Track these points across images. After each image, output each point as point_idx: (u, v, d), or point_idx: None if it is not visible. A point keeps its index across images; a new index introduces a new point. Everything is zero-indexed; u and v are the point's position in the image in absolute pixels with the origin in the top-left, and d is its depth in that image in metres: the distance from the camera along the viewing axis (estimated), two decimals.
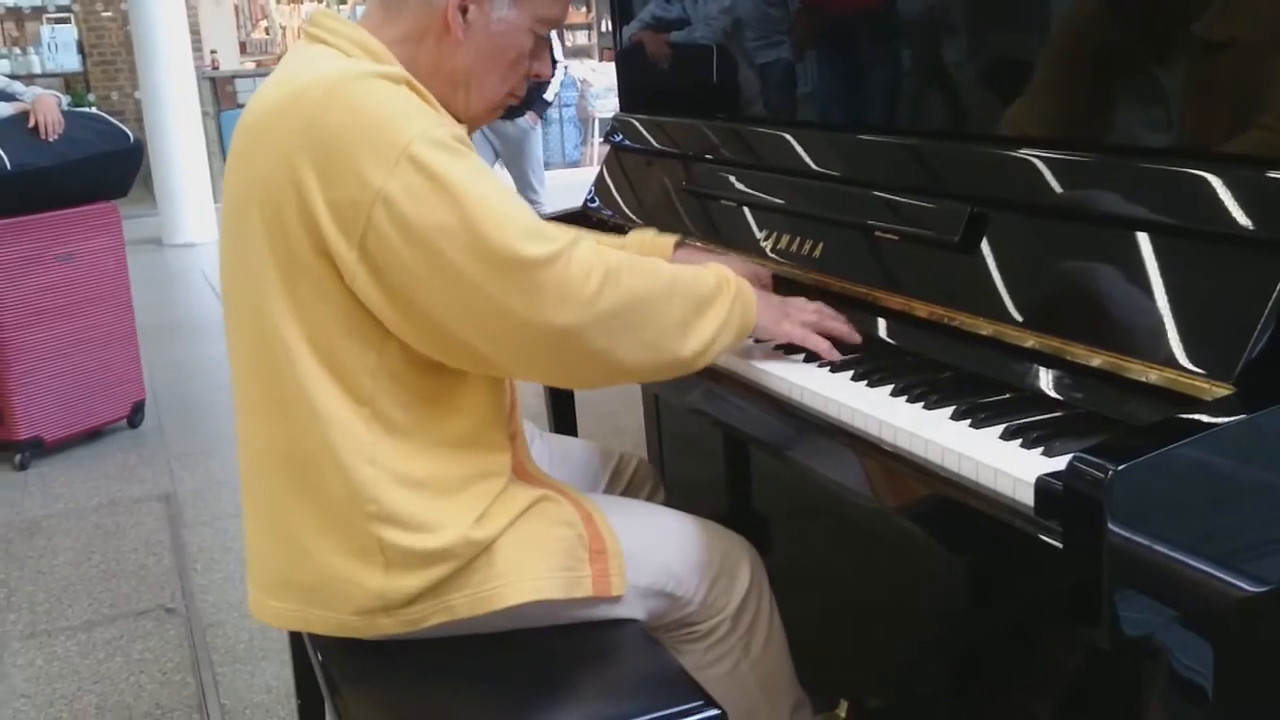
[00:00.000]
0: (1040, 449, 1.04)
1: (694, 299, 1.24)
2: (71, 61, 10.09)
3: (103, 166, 3.65)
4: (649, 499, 1.74)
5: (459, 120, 1.28)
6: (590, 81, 10.98)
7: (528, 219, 1.14)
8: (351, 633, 1.24)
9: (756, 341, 1.41)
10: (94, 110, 3.92)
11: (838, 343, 1.36)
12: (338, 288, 1.15)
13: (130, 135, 3.81)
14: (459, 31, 1.23)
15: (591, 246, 1.18)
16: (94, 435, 3.86)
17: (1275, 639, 1.12)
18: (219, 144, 9.58)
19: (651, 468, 1.78)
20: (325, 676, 1.31)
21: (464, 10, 1.23)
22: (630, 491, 1.71)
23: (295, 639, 1.58)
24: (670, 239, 1.60)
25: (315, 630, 1.27)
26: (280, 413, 1.21)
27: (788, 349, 1.40)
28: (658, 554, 1.35)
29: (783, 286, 1.55)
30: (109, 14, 10.06)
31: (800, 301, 1.39)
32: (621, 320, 1.17)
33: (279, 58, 11.26)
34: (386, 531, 1.19)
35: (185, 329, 5.40)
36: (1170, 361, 1.04)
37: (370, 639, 1.25)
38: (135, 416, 3.95)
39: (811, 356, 1.36)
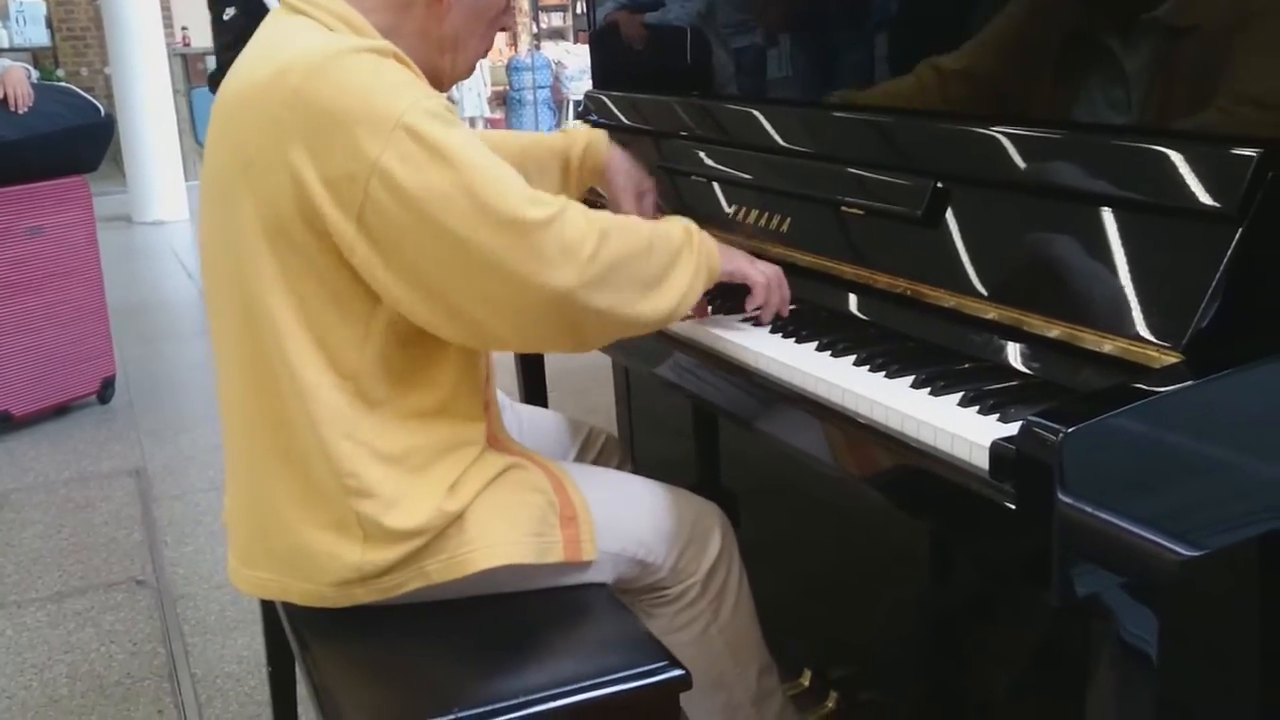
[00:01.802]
0: (996, 415, 1.07)
1: (669, 252, 1.28)
2: (40, 36, 9.95)
3: (72, 140, 3.62)
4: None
5: (441, 85, 1.30)
6: (565, 64, 10.96)
7: (520, 184, 1.16)
8: (328, 603, 1.26)
9: (721, 302, 1.47)
10: (64, 84, 3.88)
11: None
12: (331, 263, 1.16)
13: (100, 109, 3.78)
14: None
15: (582, 209, 1.20)
16: (63, 410, 3.85)
17: (1219, 605, 1.16)
18: (190, 122, 9.50)
19: (620, 442, 1.81)
20: (297, 643, 1.33)
21: None
22: (599, 464, 1.73)
23: (267, 608, 1.59)
24: (600, 137, 1.71)
25: (292, 600, 1.28)
26: (263, 385, 1.22)
27: (752, 318, 1.43)
28: (628, 520, 1.38)
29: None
30: None
31: (756, 262, 1.43)
32: (614, 277, 1.20)
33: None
34: (364, 505, 1.21)
35: (156, 306, 5.37)
36: (1123, 331, 1.07)
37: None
38: (105, 392, 3.94)
39: (777, 328, 1.39)
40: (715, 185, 1.73)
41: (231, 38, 4.52)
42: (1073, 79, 1.25)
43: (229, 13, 4.51)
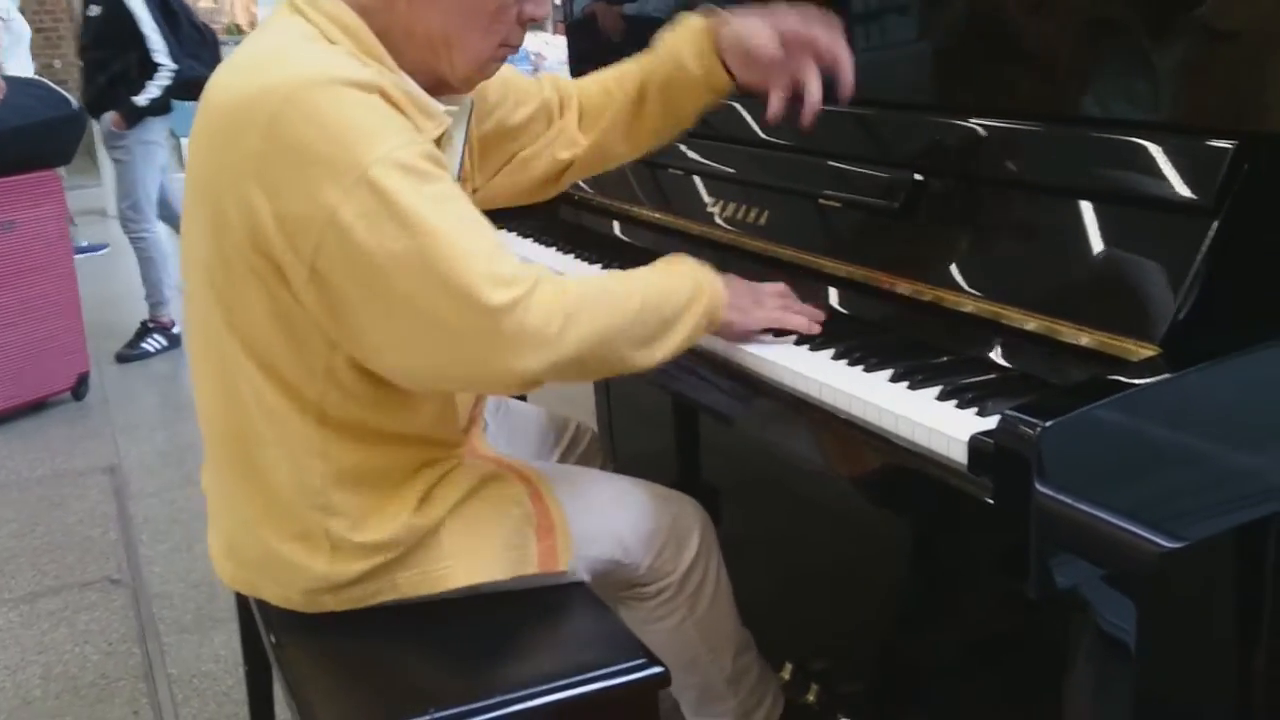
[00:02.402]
0: (974, 409, 1.07)
1: (659, 321, 1.20)
2: None
3: (44, 133, 3.59)
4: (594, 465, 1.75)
5: (449, 85, 1.22)
6: (544, 55, 10.91)
7: (488, 258, 1.07)
8: (297, 607, 1.25)
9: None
10: (35, 78, 3.84)
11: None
12: (282, 297, 1.11)
13: (73, 102, 3.75)
14: None
15: (553, 288, 1.10)
16: (37, 407, 3.81)
17: (1196, 595, 1.16)
18: None
19: (601, 442, 1.80)
20: (272, 642, 1.32)
21: None
22: (581, 463, 1.72)
23: (243, 607, 1.58)
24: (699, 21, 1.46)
25: (265, 598, 1.28)
26: (231, 400, 1.19)
27: None
28: (606, 523, 1.37)
29: (730, 254, 1.57)
30: None
31: (767, 287, 1.35)
32: (582, 360, 1.13)
33: (227, 28, 11.07)
34: (332, 522, 1.20)
35: (131, 301, 5.31)
36: (1101, 324, 1.07)
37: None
38: (79, 388, 3.90)
39: None
40: (693, 179, 1.72)
41: (91, 39, 4.22)
42: (1050, 72, 1.24)
43: (94, 9, 4.19)
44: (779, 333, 1.35)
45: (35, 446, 3.54)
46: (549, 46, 11.25)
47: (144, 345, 4.39)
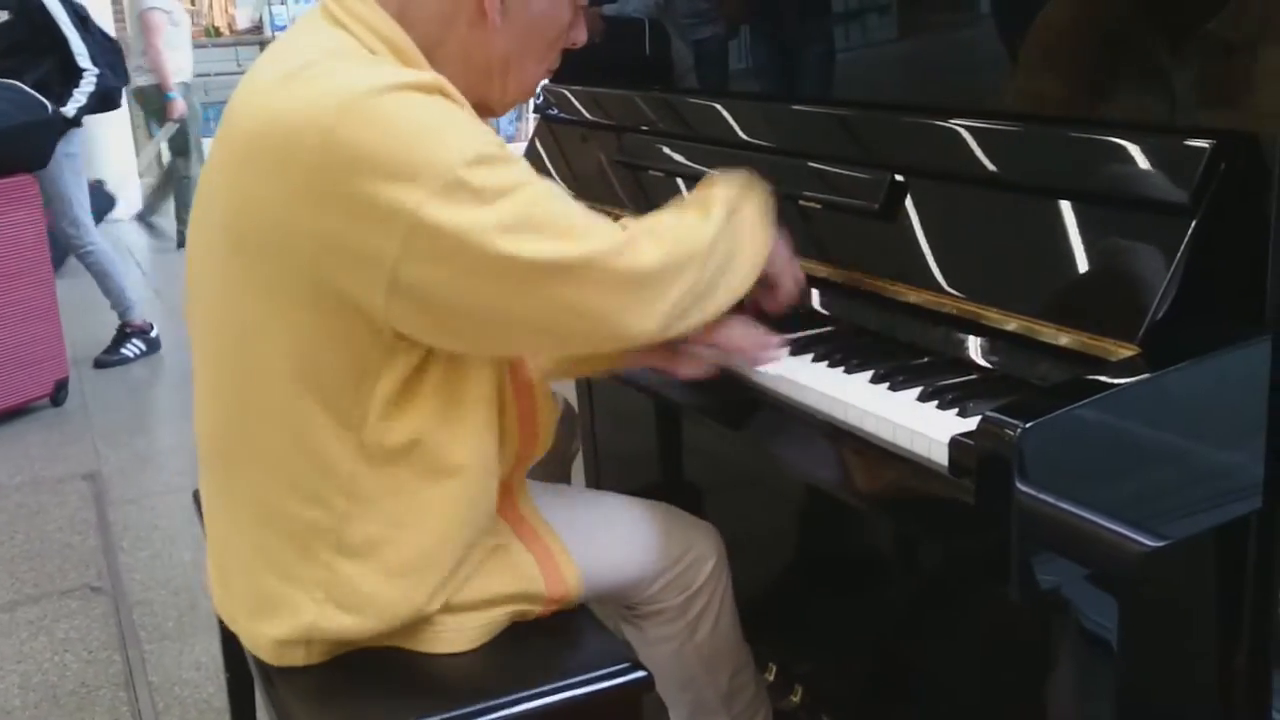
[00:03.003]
0: (955, 410, 1.07)
1: (732, 242, 1.19)
2: None
3: (19, 138, 3.56)
4: (570, 441, 1.73)
5: (492, 110, 1.20)
6: None
7: (576, 220, 1.06)
8: (262, 655, 1.21)
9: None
10: (9, 80, 3.80)
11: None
12: (340, 316, 1.05)
13: (48, 105, 3.72)
14: (496, 16, 1.11)
15: (651, 240, 1.10)
16: (16, 413, 3.78)
17: (1177, 594, 1.17)
18: (143, 118, 9.34)
19: (570, 408, 1.76)
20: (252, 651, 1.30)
21: None
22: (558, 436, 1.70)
23: None
24: None
25: (239, 633, 1.25)
26: (251, 443, 1.13)
27: None
28: (617, 560, 1.34)
29: None
30: None
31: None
32: (685, 307, 1.12)
33: (205, 30, 11.02)
34: (340, 562, 1.14)
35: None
36: (1080, 324, 1.07)
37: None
38: (59, 394, 3.87)
39: None
40: (675, 180, 1.72)
41: (5, 45, 3.92)
42: (1028, 72, 1.24)
43: (2, 15, 3.92)
44: None
45: (14, 453, 3.51)
46: None
47: (123, 351, 4.36)
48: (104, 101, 4.02)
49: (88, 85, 3.98)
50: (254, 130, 1.05)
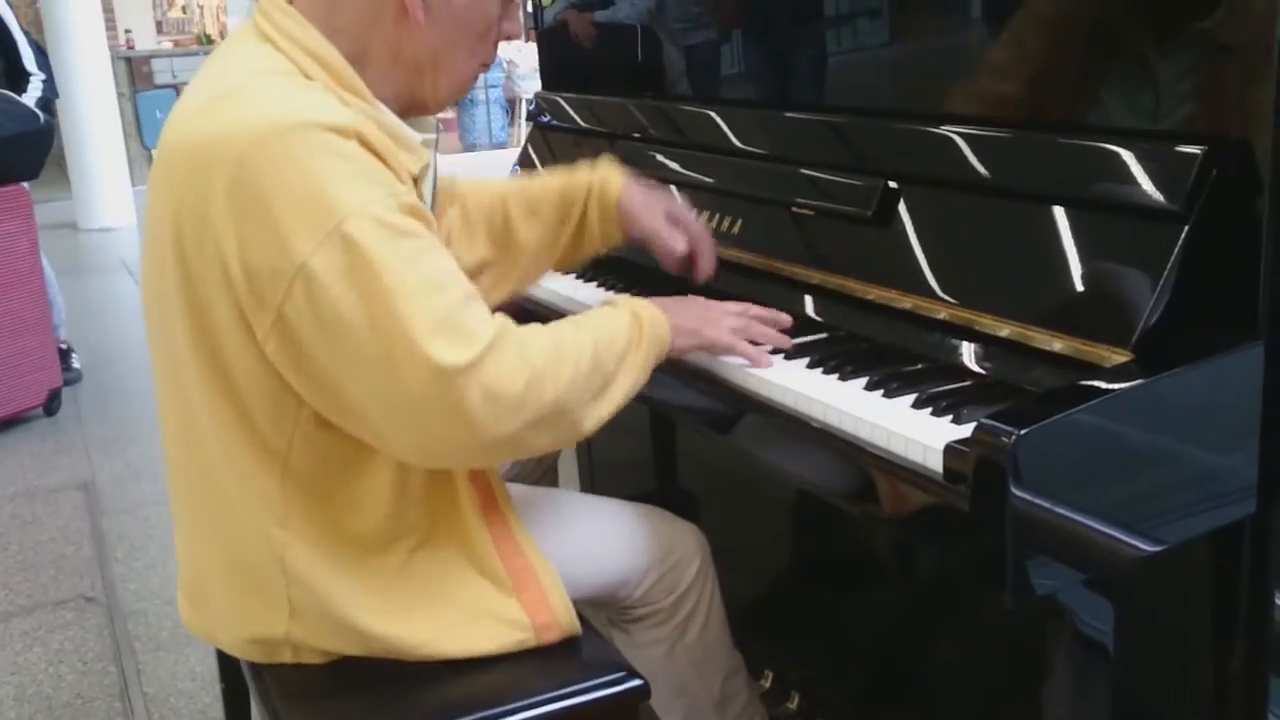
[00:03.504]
0: (950, 417, 1.07)
1: (614, 360, 1.16)
2: None
3: (11, 148, 3.54)
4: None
5: (427, 106, 1.20)
6: (516, 62, 10.91)
7: (455, 316, 1.03)
8: (254, 657, 1.22)
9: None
10: (3, 92, 3.78)
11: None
12: (252, 342, 1.06)
13: (40, 116, 3.71)
14: (418, 12, 1.10)
15: (515, 350, 1.07)
16: (9, 424, 3.76)
17: (1173, 598, 1.17)
18: (135, 126, 9.35)
19: (577, 453, 1.78)
20: (249, 663, 1.30)
21: None
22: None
23: None
24: (616, 179, 1.49)
25: (220, 645, 1.25)
26: (197, 453, 1.15)
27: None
28: (603, 562, 1.35)
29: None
30: None
31: (723, 305, 1.31)
32: (545, 419, 1.09)
33: (197, 38, 11.02)
34: (295, 590, 1.15)
35: (103, 315, 5.27)
36: (1073, 330, 1.07)
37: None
38: (52, 404, 3.86)
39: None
40: (668, 189, 1.72)
41: None
42: (1020, 79, 1.25)
43: None
44: (753, 343, 1.34)
45: (7, 464, 3.49)
46: (521, 54, 11.26)
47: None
48: (46, 108, 3.93)
49: (35, 90, 3.88)
50: (182, 152, 1.06)
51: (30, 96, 3.84)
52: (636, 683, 1.20)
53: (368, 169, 1.04)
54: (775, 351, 1.30)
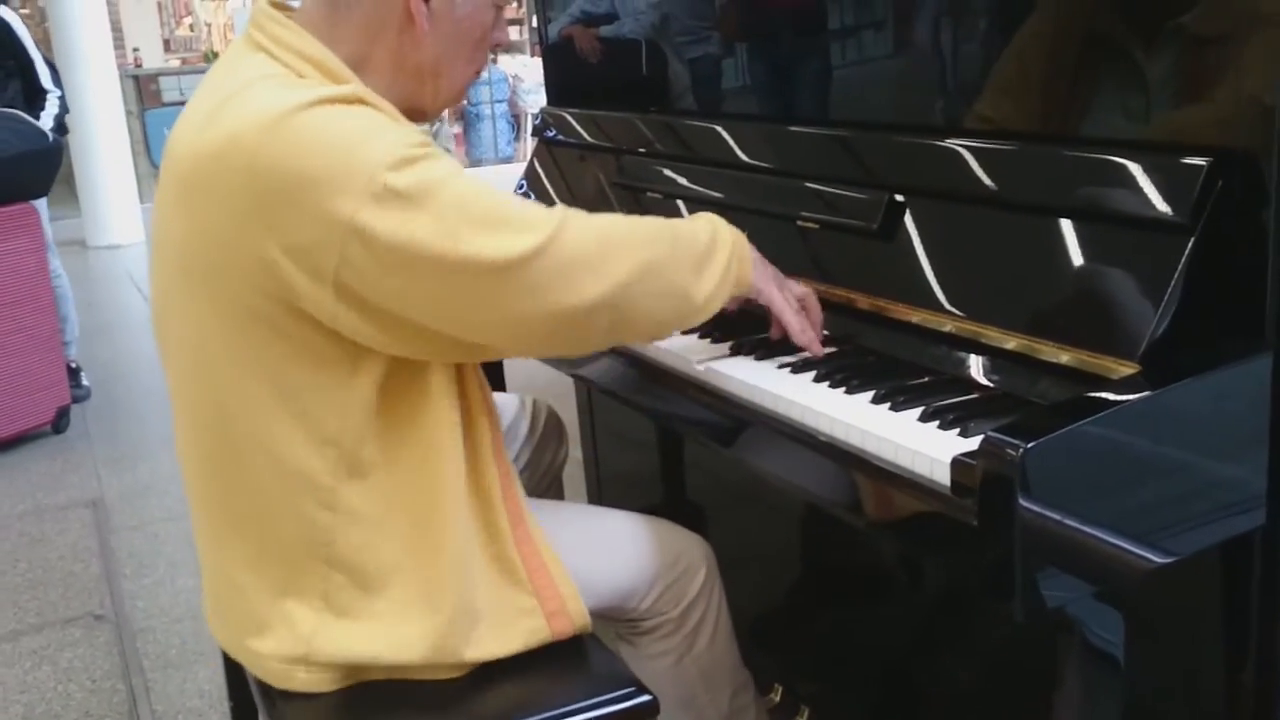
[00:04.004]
0: (956, 430, 1.07)
1: (694, 255, 1.20)
2: None
3: (20, 167, 3.57)
4: (558, 449, 1.75)
5: (425, 113, 1.23)
6: (522, 77, 10.96)
7: (509, 211, 1.08)
8: (270, 679, 1.21)
9: (747, 302, 1.32)
10: (11, 110, 3.81)
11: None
12: (302, 330, 1.08)
13: (49, 135, 3.73)
14: (424, 21, 1.14)
15: (582, 225, 1.12)
16: (17, 441, 3.77)
17: (1183, 609, 1.16)
18: (144, 144, 9.40)
19: (556, 417, 1.78)
20: (258, 681, 1.30)
21: None
22: (542, 443, 1.72)
23: None
24: None
25: (240, 660, 1.26)
26: (230, 457, 1.16)
27: (715, 337, 1.42)
28: (611, 572, 1.35)
29: None
30: (25, 10, 9.81)
31: (791, 281, 1.33)
32: (623, 293, 1.12)
33: (205, 55, 11.09)
34: (335, 575, 1.16)
35: (111, 332, 5.29)
36: (1080, 342, 1.07)
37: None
38: (60, 421, 3.87)
39: (737, 348, 1.38)
40: (675, 202, 1.72)
41: None
42: (1026, 91, 1.25)
43: None
44: (760, 355, 1.35)
45: (16, 481, 3.50)
46: (526, 69, 11.31)
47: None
48: (61, 124, 3.97)
49: (52, 108, 3.96)
50: (189, 165, 1.09)
51: (49, 113, 3.91)
52: (645, 698, 1.19)
53: (379, 121, 1.07)
54: (782, 366, 1.30)
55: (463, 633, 1.19)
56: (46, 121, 3.87)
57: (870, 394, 1.18)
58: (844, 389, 1.21)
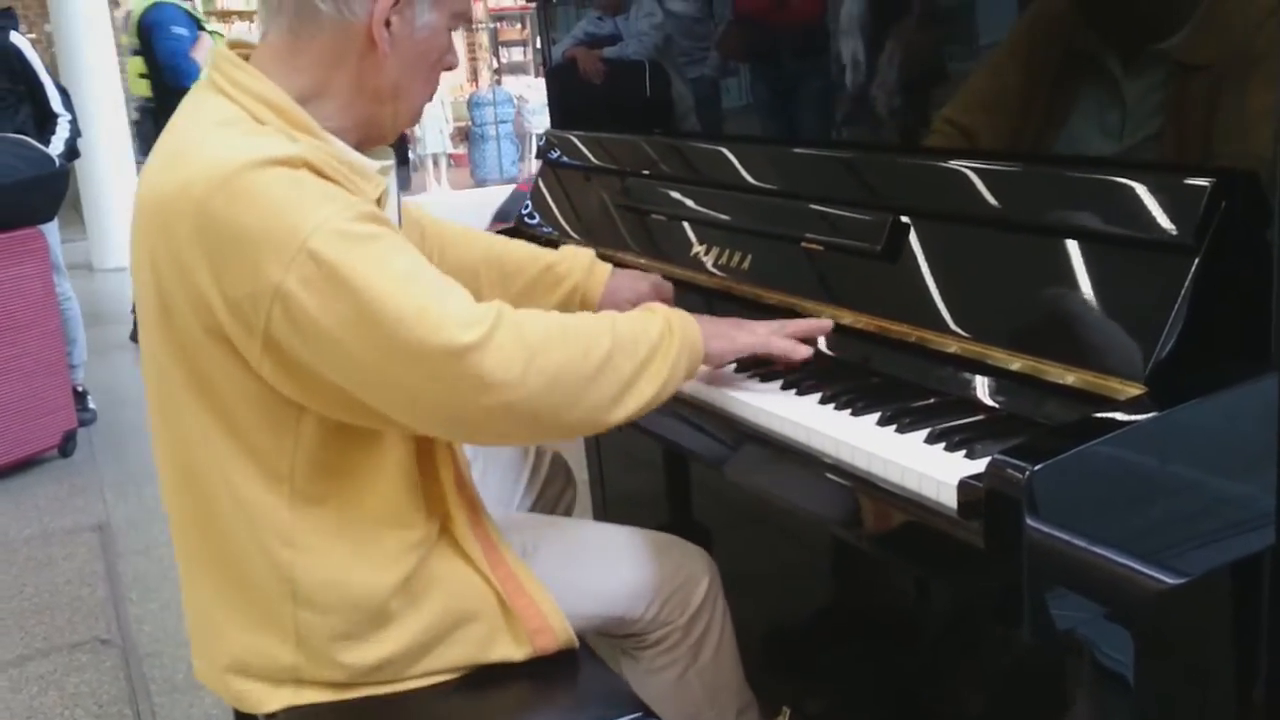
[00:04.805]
0: (963, 452, 1.07)
1: (636, 362, 1.17)
2: None
3: (27, 192, 3.58)
4: (561, 494, 1.76)
5: (384, 135, 1.25)
6: (526, 98, 11.01)
7: (438, 304, 1.07)
8: (264, 707, 1.22)
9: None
10: (18, 135, 3.83)
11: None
12: (245, 373, 1.11)
13: (55, 160, 3.75)
14: (385, 46, 1.17)
15: (513, 327, 1.10)
16: (24, 465, 3.78)
17: (1194, 628, 1.16)
18: None
19: (564, 462, 1.80)
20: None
21: (387, 23, 1.16)
22: (546, 488, 1.73)
23: None
24: (604, 268, 1.58)
25: (224, 695, 1.26)
26: (196, 492, 1.18)
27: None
28: (606, 584, 1.36)
29: (716, 298, 1.57)
30: (32, 35, 9.85)
31: (754, 323, 1.33)
32: (548, 399, 1.11)
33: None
34: (302, 613, 1.18)
35: (117, 356, 5.30)
36: (1086, 363, 1.07)
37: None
38: (67, 445, 3.87)
39: (742, 366, 1.38)
40: (680, 224, 1.73)
41: None
42: (1029, 112, 1.25)
43: None
44: (765, 377, 1.35)
45: (23, 506, 3.50)
46: (530, 90, 11.35)
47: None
48: (71, 152, 4.00)
49: (63, 132, 3.99)
50: (150, 205, 1.13)
51: (60, 137, 3.94)
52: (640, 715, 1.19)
53: (321, 190, 1.09)
54: (787, 387, 1.30)
55: (440, 638, 1.22)
56: (57, 146, 3.91)
57: (876, 416, 1.18)
58: (850, 411, 1.21)
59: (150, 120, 5.14)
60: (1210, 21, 1.05)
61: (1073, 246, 1.12)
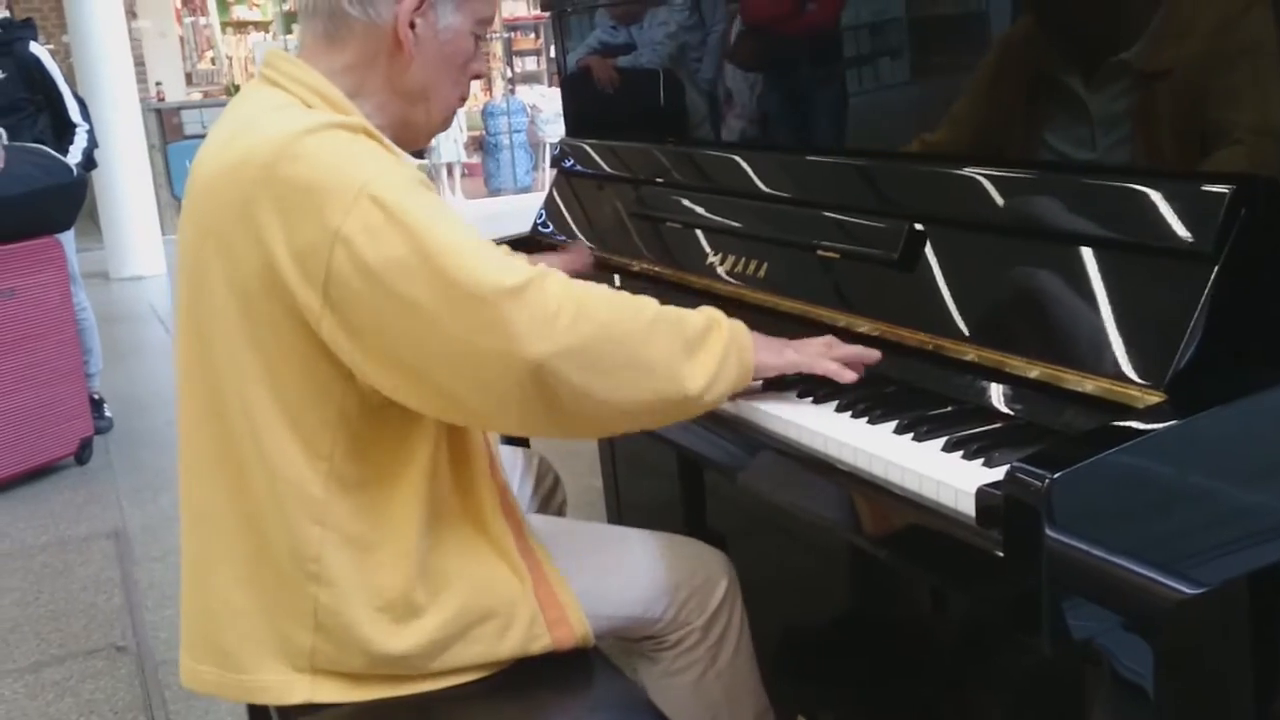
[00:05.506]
0: (981, 460, 1.06)
1: (681, 339, 1.17)
2: None
3: (45, 201, 3.60)
4: (553, 494, 1.78)
5: (420, 133, 1.30)
6: (540, 107, 11.02)
7: (491, 253, 1.11)
8: (269, 699, 1.22)
9: (763, 382, 1.31)
10: (36, 145, 3.86)
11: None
12: (302, 338, 1.13)
13: (73, 169, 3.77)
14: (410, 47, 1.22)
15: (562, 281, 1.13)
16: (41, 473, 3.80)
17: (1212, 638, 1.15)
18: (166, 176, 9.48)
19: (547, 465, 1.82)
20: (280, 712, 1.30)
21: (412, 25, 1.21)
22: (539, 486, 1.75)
23: None
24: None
25: (228, 696, 1.26)
26: (233, 472, 1.19)
27: None
28: (624, 586, 1.36)
29: (731, 306, 1.57)
30: (51, 46, 9.93)
31: (800, 342, 1.31)
32: (596, 355, 1.11)
33: (226, 89, 11.21)
34: (323, 594, 1.18)
35: (133, 363, 5.33)
36: (1104, 371, 1.07)
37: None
38: (83, 453, 3.89)
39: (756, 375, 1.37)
40: (694, 231, 1.73)
41: (3, 103, 3.88)
42: (1047, 120, 1.25)
43: None
44: (782, 386, 1.34)
45: (39, 513, 3.52)
46: (544, 99, 11.38)
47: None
48: (89, 162, 4.01)
49: (81, 141, 4.01)
50: (207, 183, 1.17)
51: (78, 147, 3.96)
52: None
53: (379, 152, 1.16)
54: (804, 396, 1.30)
55: (461, 633, 1.22)
56: (75, 155, 3.92)
57: (893, 424, 1.17)
58: (867, 419, 1.20)
59: None
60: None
61: (1091, 254, 1.12)
